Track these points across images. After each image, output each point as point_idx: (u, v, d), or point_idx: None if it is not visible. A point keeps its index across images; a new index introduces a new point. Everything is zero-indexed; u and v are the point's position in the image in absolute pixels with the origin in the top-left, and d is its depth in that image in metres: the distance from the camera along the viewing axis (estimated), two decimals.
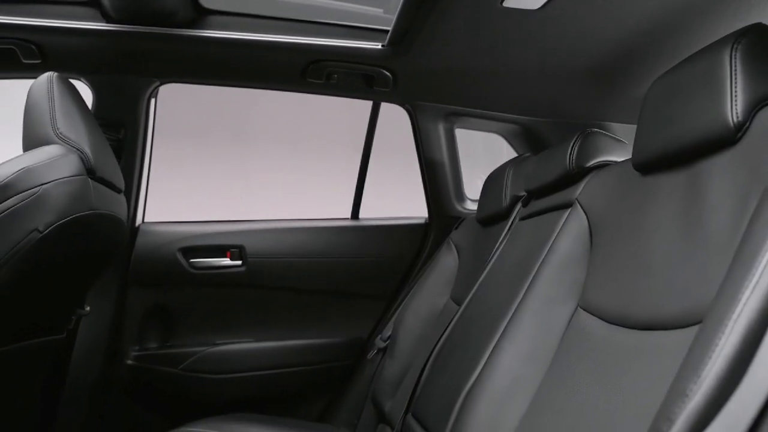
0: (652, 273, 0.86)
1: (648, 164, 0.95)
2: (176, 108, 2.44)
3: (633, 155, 0.99)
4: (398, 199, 2.59)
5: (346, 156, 2.57)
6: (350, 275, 2.20)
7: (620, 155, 1.21)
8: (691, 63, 0.87)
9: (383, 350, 1.97)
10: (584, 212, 1.13)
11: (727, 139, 0.78)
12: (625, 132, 2.01)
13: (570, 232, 1.13)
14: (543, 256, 1.14)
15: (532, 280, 1.12)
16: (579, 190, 1.19)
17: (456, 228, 2.06)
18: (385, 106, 2.20)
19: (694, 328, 0.73)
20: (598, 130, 1.27)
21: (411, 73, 1.94)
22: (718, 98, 0.79)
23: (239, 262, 2.12)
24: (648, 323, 0.82)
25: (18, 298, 1.34)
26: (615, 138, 1.25)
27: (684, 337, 0.73)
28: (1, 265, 1.27)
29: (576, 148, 1.23)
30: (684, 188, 0.86)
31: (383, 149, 2.34)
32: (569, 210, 1.18)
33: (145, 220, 2.13)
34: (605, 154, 1.21)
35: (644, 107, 0.96)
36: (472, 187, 2.32)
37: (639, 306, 0.86)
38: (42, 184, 1.33)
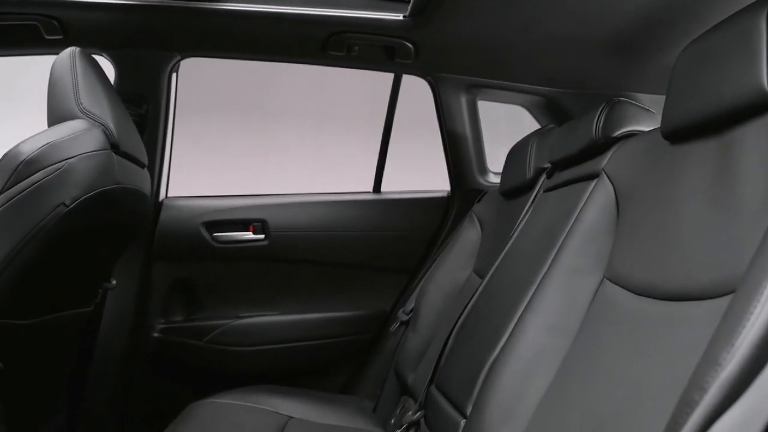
0: (681, 243, 0.84)
1: (677, 133, 0.93)
2: (198, 84, 2.45)
3: (662, 124, 0.96)
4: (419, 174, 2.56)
5: (368, 131, 2.55)
6: (372, 249, 2.20)
7: (648, 125, 1.18)
8: (724, 28, 0.84)
9: (406, 323, 1.98)
10: (611, 182, 1.11)
11: (761, 105, 0.76)
12: (652, 103, 1.97)
13: (596, 202, 1.11)
14: (568, 227, 1.12)
15: (557, 252, 1.10)
16: (605, 160, 1.17)
17: (478, 201, 2.04)
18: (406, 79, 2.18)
19: (726, 299, 0.71)
20: (625, 99, 1.24)
21: (433, 45, 1.91)
22: (752, 64, 0.76)
23: (262, 236, 2.13)
24: (677, 294, 0.81)
25: (45, 271, 1.37)
26: (643, 107, 1.23)
27: (715, 307, 0.72)
28: (28, 240, 1.29)
29: (602, 118, 1.21)
30: (715, 157, 0.84)
31: (403, 124, 2.33)
32: (595, 181, 1.16)
33: (169, 195, 2.14)
34: (633, 124, 1.18)
35: (674, 74, 0.94)
36: (495, 161, 2.30)
37: (667, 277, 0.85)
38: (67, 159, 1.34)
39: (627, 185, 1.07)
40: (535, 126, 2.29)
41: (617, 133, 1.18)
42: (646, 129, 1.17)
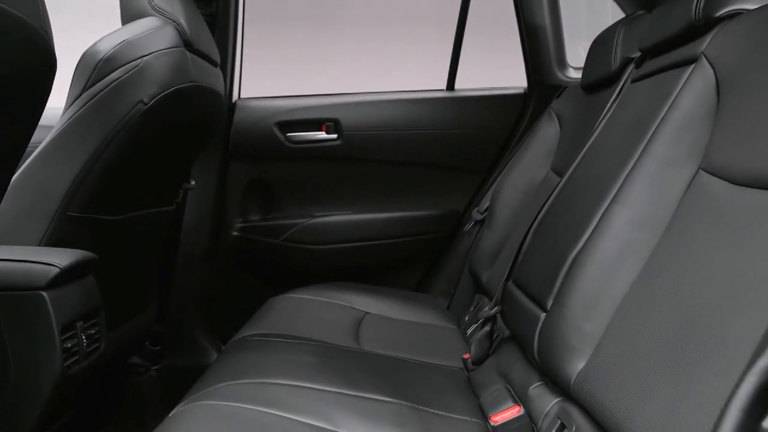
0: None
1: None
2: None
3: None
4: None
5: (437, 38, 2.46)
6: (446, 147, 2.16)
7: (756, 1, 1.07)
8: None
9: (480, 222, 1.96)
10: (711, 67, 1.02)
11: None
12: None
13: (693, 88, 1.03)
14: (661, 117, 1.05)
15: (647, 142, 1.04)
16: (705, 43, 1.07)
17: (557, 97, 1.95)
18: None
19: None
20: None
21: None
22: None
23: (335, 136, 2.12)
24: None
25: (129, 169, 1.40)
26: None
27: None
28: (113, 136, 1.32)
29: None
30: None
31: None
32: (693, 66, 1.07)
33: (241, 96, 2.14)
34: (739, 2, 1.07)
35: None
36: (575, 55, 2.18)
37: None
38: (143, 56, 1.35)
39: (730, 69, 0.98)
40: (619, 17, 2.13)
41: (721, 12, 1.07)
42: (754, 7, 1.06)
